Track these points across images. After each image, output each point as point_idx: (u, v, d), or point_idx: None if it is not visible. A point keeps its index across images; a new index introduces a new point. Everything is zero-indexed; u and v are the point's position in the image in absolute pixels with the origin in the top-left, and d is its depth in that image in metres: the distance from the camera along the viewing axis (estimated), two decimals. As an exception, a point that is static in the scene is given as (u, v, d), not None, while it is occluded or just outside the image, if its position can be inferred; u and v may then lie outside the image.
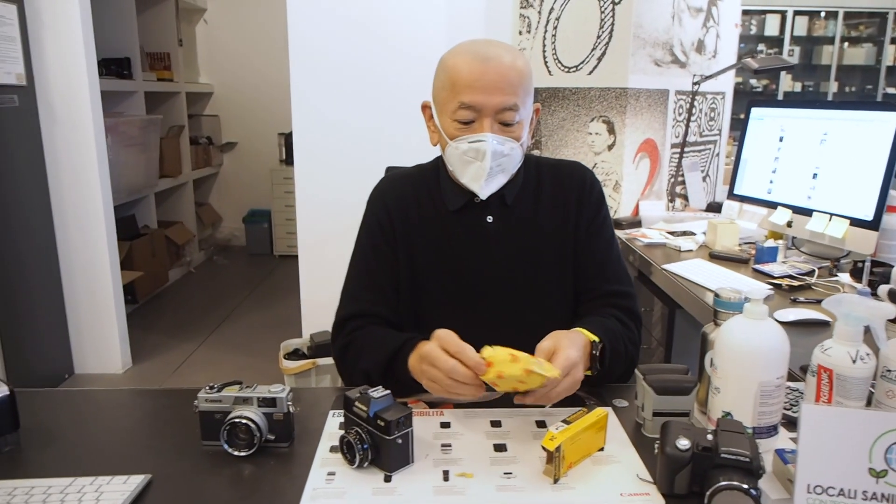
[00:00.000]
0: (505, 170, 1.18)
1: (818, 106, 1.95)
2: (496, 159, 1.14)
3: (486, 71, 1.12)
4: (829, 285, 1.65)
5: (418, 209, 1.25)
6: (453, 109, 1.15)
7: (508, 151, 1.16)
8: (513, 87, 1.13)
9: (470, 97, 1.12)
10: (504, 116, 1.14)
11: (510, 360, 0.92)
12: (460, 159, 1.17)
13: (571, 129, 2.51)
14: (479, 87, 1.12)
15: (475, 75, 1.12)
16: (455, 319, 1.07)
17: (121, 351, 3.22)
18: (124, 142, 3.83)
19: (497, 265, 1.23)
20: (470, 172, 1.17)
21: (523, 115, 1.17)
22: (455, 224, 1.23)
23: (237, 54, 5.48)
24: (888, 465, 0.71)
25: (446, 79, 1.16)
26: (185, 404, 0.97)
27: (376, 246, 1.25)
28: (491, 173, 1.15)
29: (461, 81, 1.13)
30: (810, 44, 6.92)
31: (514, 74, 1.14)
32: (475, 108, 1.13)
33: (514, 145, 1.16)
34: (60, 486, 0.82)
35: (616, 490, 0.84)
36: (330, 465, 0.90)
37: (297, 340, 3.12)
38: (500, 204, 1.23)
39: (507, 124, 1.15)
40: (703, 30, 2.65)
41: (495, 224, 1.23)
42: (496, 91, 1.12)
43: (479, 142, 1.13)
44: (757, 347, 0.88)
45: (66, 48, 2.88)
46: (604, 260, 1.27)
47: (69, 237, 3.05)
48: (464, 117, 1.14)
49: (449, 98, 1.15)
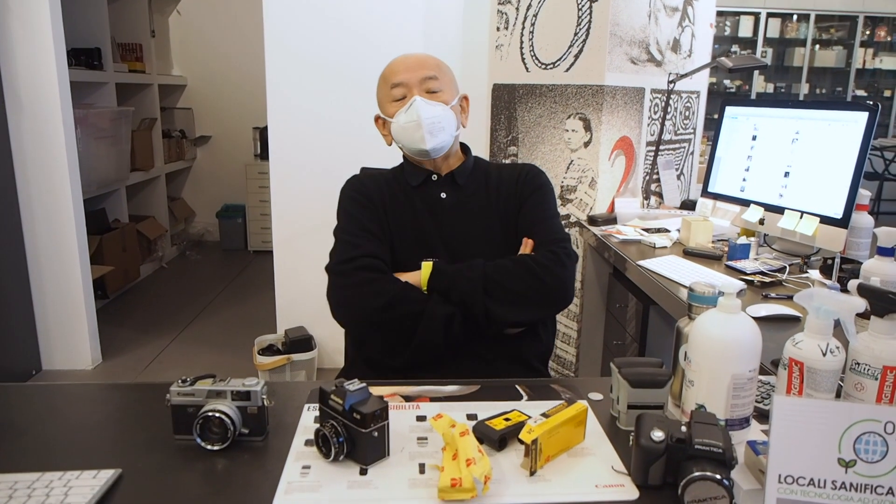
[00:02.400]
0: (444, 128, 1.37)
1: (791, 105, 1.98)
2: (429, 114, 1.34)
3: (406, 58, 1.42)
4: (799, 282, 1.68)
5: (387, 188, 1.44)
6: (388, 97, 1.40)
7: (438, 110, 1.36)
8: (429, 66, 1.40)
9: (396, 78, 1.38)
10: (427, 85, 1.38)
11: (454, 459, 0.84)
12: (404, 130, 1.37)
13: (548, 126, 2.52)
14: (402, 69, 1.39)
15: (398, 63, 1.41)
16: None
17: (90, 347, 3.16)
18: (94, 134, 3.76)
19: (450, 235, 1.40)
20: (414, 136, 1.36)
21: (446, 87, 1.40)
22: (416, 198, 1.43)
23: (211, 47, 5.41)
24: (857, 455, 0.73)
25: (381, 80, 1.44)
26: (156, 398, 0.96)
27: (361, 205, 1.40)
28: (430, 129, 1.34)
29: (389, 72, 1.41)
30: (782, 46, 7.04)
31: (430, 59, 1.42)
32: (403, 85, 1.38)
33: (442, 106, 1.37)
34: (27, 482, 0.80)
35: (591, 482, 0.85)
36: (305, 459, 0.89)
37: (272, 336, 3.10)
38: (453, 183, 1.44)
39: (431, 92, 1.38)
40: (679, 29, 2.67)
41: (449, 199, 1.42)
42: (416, 68, 1.39)
43: (410, 106, 1.35)
44: (730, 340, 0.89)
45: (34, 37, 2.81)
46: (536, 220, 1.41)
47: (37, 231, 2.98)
48: (397, 95, 1.38)
49: (384, 91, 1.41)
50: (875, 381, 0.89)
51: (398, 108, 1.38)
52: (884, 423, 0.72)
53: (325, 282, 1.40)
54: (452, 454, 0.84)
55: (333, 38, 2.90)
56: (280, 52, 2.90)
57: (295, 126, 2.97)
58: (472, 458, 0.82)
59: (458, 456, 0.83)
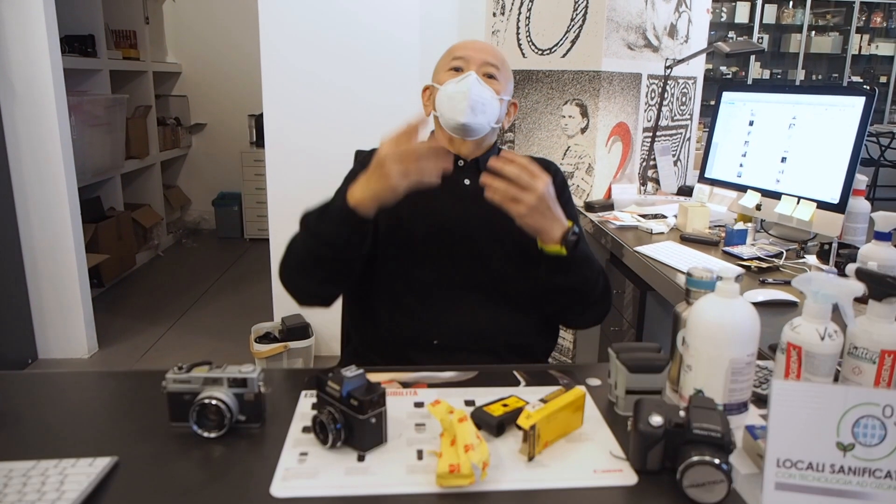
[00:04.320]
0: (486, 111, 1.33)
1: (788, 91, 1.97)
2: (478, 92, 1.31)
3: (475, 41, 1.42)
4: (796, 267, 1.68)
5: None
6: (447, 66, 1.38)
7: (488, 93, 1.33)
8: (496, 55, 1.39)
9: (461, 52, 1.37)
10: (487, 70, 1.36)
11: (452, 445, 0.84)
12: (450, 98, 1.33)
13: (545, 112, 2.51)
14: (470, 47, 1.39)
15: (468, 43, 1.41)
16: (436, 269, 1.32)
17: (86, 335, 3.15)
18: (89, 121, 3.73)
19: (473, 222, 1.35)
20: (458, 105, 1.31)
21: (502, 81, 1.38)
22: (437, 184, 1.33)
23: (206, 34, 5.37)
24: (855, 438, 0.72)
25: (446, 53, 1.42)
26: (152, 386, 0.95)
27: None
28: (473, 105, 1.30)
29: (457, 47, 1.40)
30: (779, 31, 7.02)
31: (498, 52, 1.42)
32: (464, 59, 1.36)
33: (493, 92, 1.34)
34: (23, 470, 0.80)
35: (590, 467, 0.85)
36: (302, 446, 0.89)
37: (269, 324, 3.10)
38: (476, 170, 1.38)
39: (489, 76, 1.36)
40: (676, 15, 2.66)
41: (472, 186, 1.35)
42: (482, 51, 1.37)
43: (464, 78, 1.32)
44: (728, 325, 0.89)
45: (26, 24, 2.78)
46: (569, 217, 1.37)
47: (32, 219, 2.97)
48: (455, 65, 1.36)
49: (445, 61, 1.40)
50: (873, 364, 0.89)
51: (452, 76, 1.35)
52: (882, 407, 0.72)
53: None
54: (451, 440, 0.84)
55: (329, 24, 2.88)
56: (275, 39, 2.87)
57: (290, 113, 2.96)
58: (471, 444, 0.81)
59: (457, 442, 0.82)
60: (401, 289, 1.33)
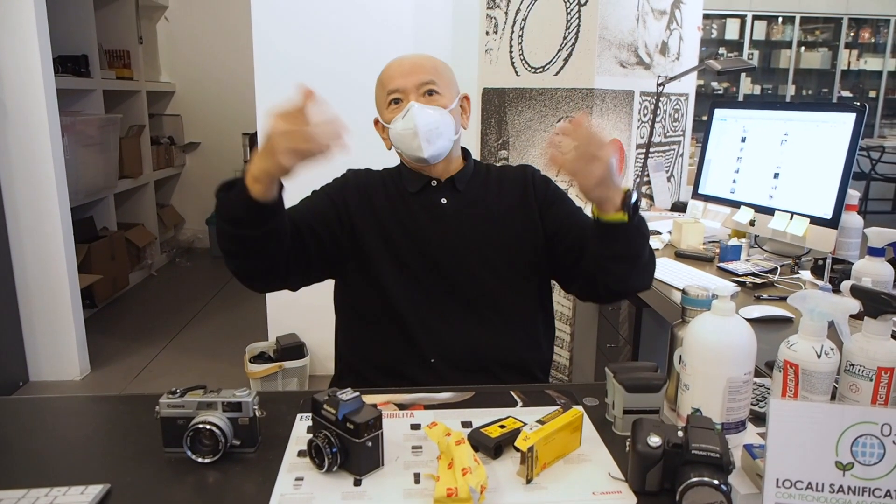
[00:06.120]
0: (441, 133, 1.30)
1: (779, 107, 1.99)
2: (426, 122, 1.28)
3: (402, 62, 1.35)
4: (791, 283, 1.68)
5: (383, 191, 1.38)
6: (386, 102, 1.34)
7: (436, 114, 1.29)
8: (426, 69, 1.33)
9: (393, 84, 1.32)
10: (425, 88, 1.31)
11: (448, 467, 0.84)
12: (401, 137, 1.30)
13: (538, 130, 2.52)
14: (398, 74, 1.33)
15: (394, 68, 1.35)
16: (417, 290, 1.31)
17: (79, 357, 3.12)
18: (82, 141, 3.72)
19: (452, 241, 1.34)
20: (412, 143, 1.29)
21: (444, 90, 1.33)
22: (414, 204, 1.36)
23: (200, 53, 5.38)
24: (854, 457, 0.72)
25: (378, 84, 1.38)
26: (145, 411, 0.94)
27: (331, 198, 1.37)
28: (426, 137, 1.28)
29: (386, 77, 1.35)
30: (769, 48, 7.09)
31: (427, 62, 1.35)
32: (400, 91, 1.32)
33: (440, 110, 1.30)
34: (13, 499, 0.79)
35: (588, 489, 0.84)
36: (298, 471, 0.88)
37: (263, 343, 3.08)
38: (452, 188, 1.38)
39: (430, 94, 1.32)
40: (667, 32, 2.68)
41: (449, 204, 1.36)
42: (412, 73, 1.32)
43: (407, 113, 1.28)
44: (725, 343, 0.89)
45: (19, 44, 2.78)
46: (577, 212, 1.40)
47: (24, 239, 2.95)
48: (392, 98, 1.33)
49: (381, 96, 1.36)
50: (870, 382, 0.89)
51: (395, 113, 1.32)
52: (880, 426, 0.72)
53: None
54: (448, 463, 0.83)
55: (322, 45, 2.89)
56: (269, 58, 2.88)
57: (284, 132, 2.95)
58: (468, 466, 0.81)
59: (454, 465, 0.82)
60: (390, 309, 1.31)
